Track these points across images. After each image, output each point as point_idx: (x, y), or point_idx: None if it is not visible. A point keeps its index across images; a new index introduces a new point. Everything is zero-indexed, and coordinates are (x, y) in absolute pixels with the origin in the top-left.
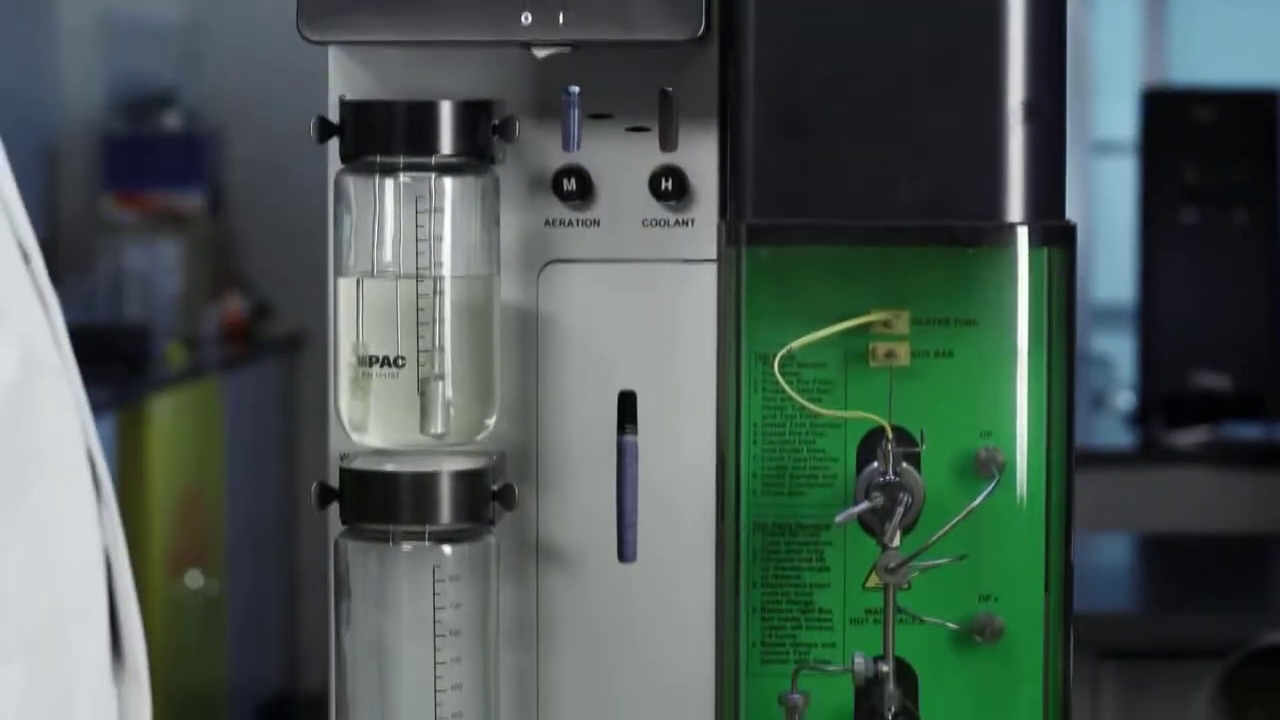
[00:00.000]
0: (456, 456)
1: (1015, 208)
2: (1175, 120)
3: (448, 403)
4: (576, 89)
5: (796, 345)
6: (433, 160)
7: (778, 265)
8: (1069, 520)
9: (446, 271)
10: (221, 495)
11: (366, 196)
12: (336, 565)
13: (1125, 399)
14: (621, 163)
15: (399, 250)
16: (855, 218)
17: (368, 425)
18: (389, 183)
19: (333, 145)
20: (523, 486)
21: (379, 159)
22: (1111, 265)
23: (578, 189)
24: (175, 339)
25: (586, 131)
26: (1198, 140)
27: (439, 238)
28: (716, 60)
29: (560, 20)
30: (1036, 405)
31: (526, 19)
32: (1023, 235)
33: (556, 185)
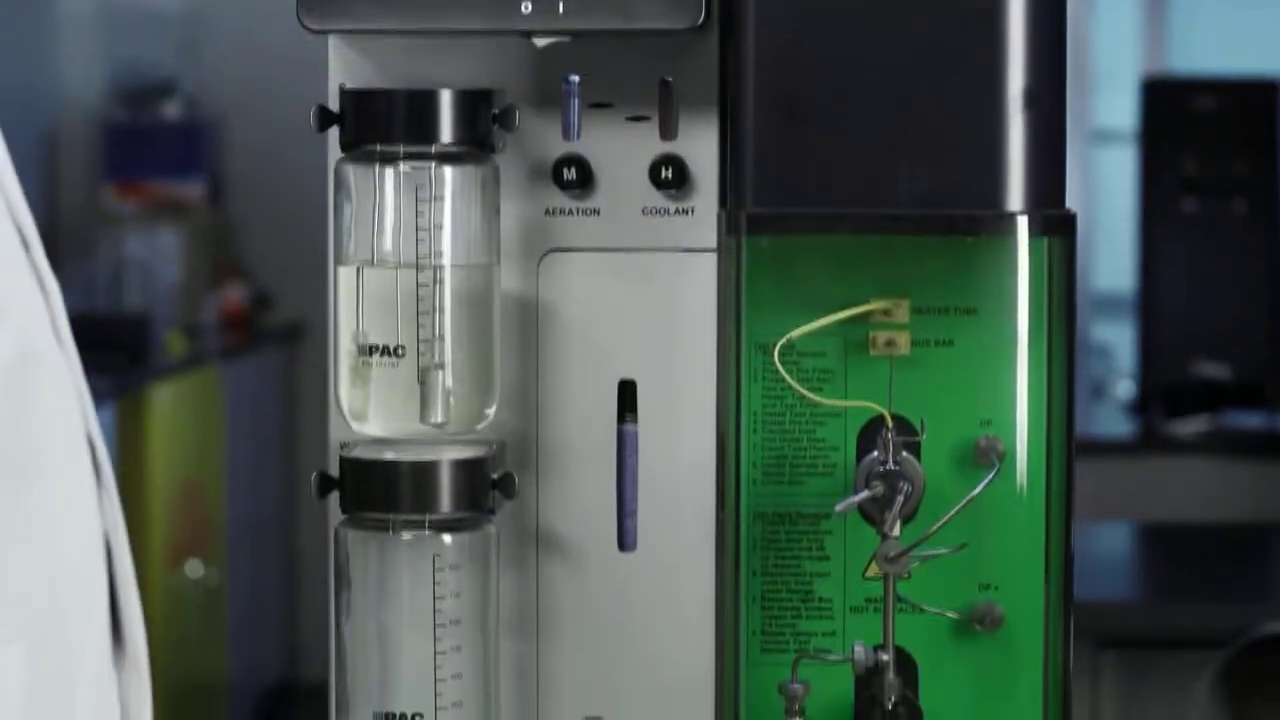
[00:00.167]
0: (456, 445)
1: (1015, 197)
2: (1175, 110)
3: (448, 392)
4: (576, 78)
5: (796, 334)
6: (433, 149)
7: (778, 254)
8: (1069, 509)
9: (446, 260)
10: (221, 484)
11: (366, 185)
12: (336, 554)
13: (1125, 388)
14: (621, 152)
15: (399, 239)
16: (855, 206)
17: (368, 414)
18: (389, 172)
19: (333, 134)
20: (523, 475)
21: (379, 148)
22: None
23: (578, 178)
24: (175, 328)
25: (586, 120)
26: (1198, 130)
27: (439, 227)
28: (716, 49)
29: (560, 9)
30: (1036, 394)
31: (526, 8)
32: (1023, 224)
33: (556, 174)
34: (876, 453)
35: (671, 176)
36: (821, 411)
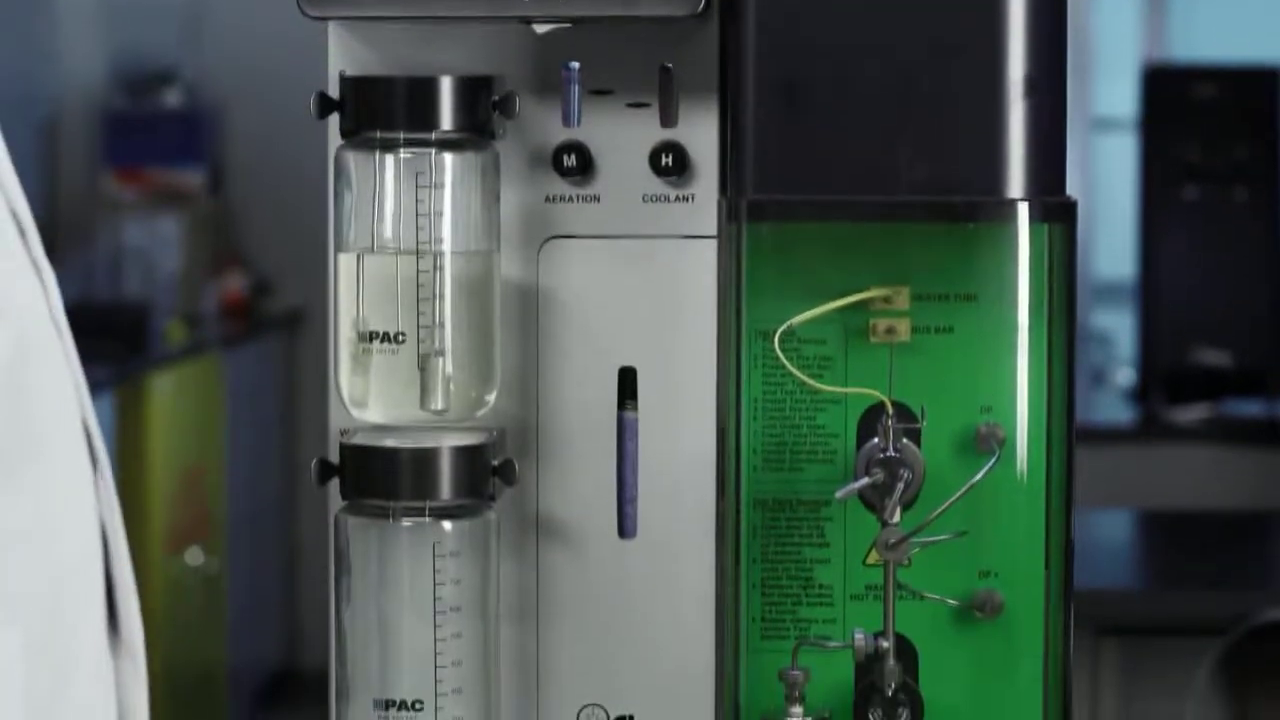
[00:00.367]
0: (457, 432)
1: (1016, 184)
2: (1176, 97)
3: (448, 378)
4: (577, 65)
5: (797, 321)
6: (433, 136)
7: (778, 241)
8: (1069, 496)
9: (447, 247)
10: (221, 472)
11: (367, 172)
12: (336, 541)
13: (1126, 375)
14: (622, 138)
15: (399, 226)
16: (855, 193)
17: (368, 401)
18: (389, 158)
19: (333, 121)
20: (523, 462)
21: (379, 135)
22: (1112, 241)
23: (578, 165)
24: (175, 316)
25: (587, 107)
26: (1198, 117)
27: (439, 213)
28: (717, 36)
29: None
30: (1037, 381)
31: None
32: (1023, 211)
33: (557, 161)
34: (877, 439)
35: (672, 163)
36: (822, 398)
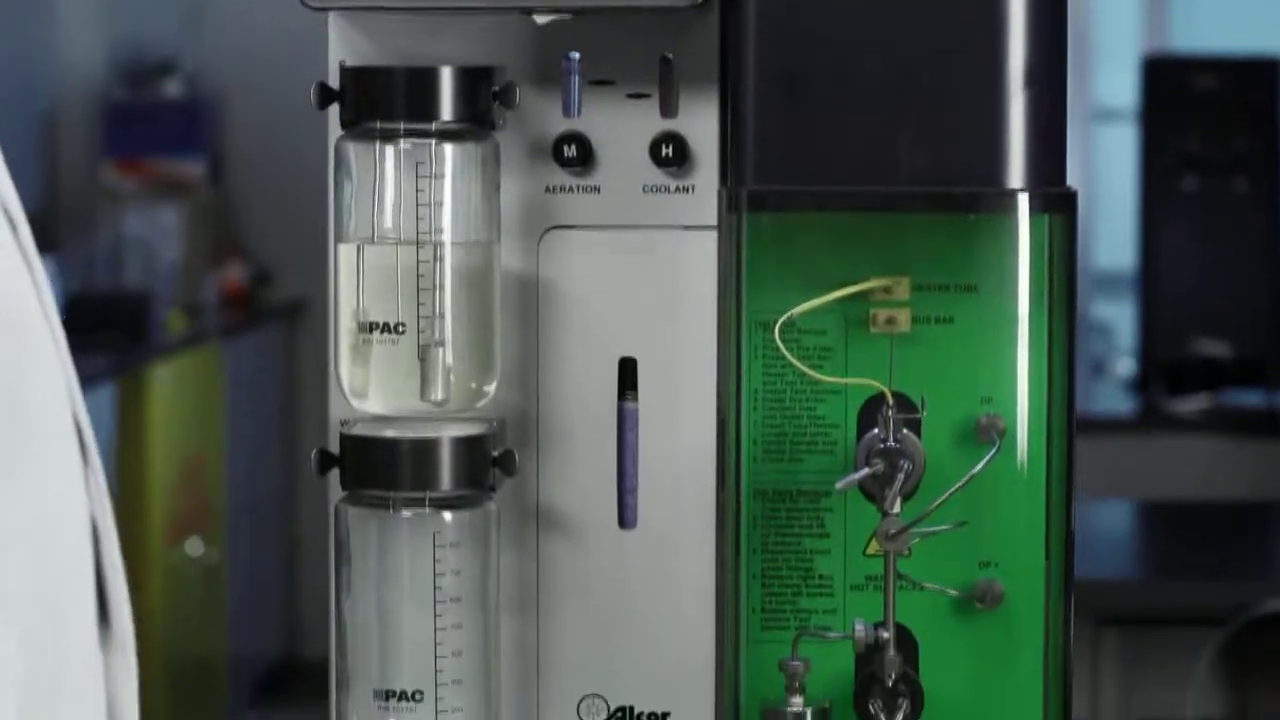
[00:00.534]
0: (457, 423)
1: (1016, 174)
2: (1176, 88)
3: (448, 369)
4: (577, 55)
5: (797, 312)
6: (433, 126)
7: (778, 231)
8: (1069, 487)
9: (447, 238)
10: (222, 463)
11: (367, 163)
12: (337, 532)
13: (1126, 366)
14: (622, 129)
15: (399, 216)
16: (856, 184)
17: (368, 392)
18: (389, 149)
19: (333, 112)
20: (523, 453)
21: (379, 125)
22: (1112, 232)
23: (578, 155)
24: (175, 307)
25: (587, 98)
26: (1198, 108)
27: (439, 204)
28: (717, 26)
29: None
30: (1037, 372)
31: None
32: (1023, 202)
33: (557, 152)
34: (877, 430)
35: (672, 154)
36: (822, 389)
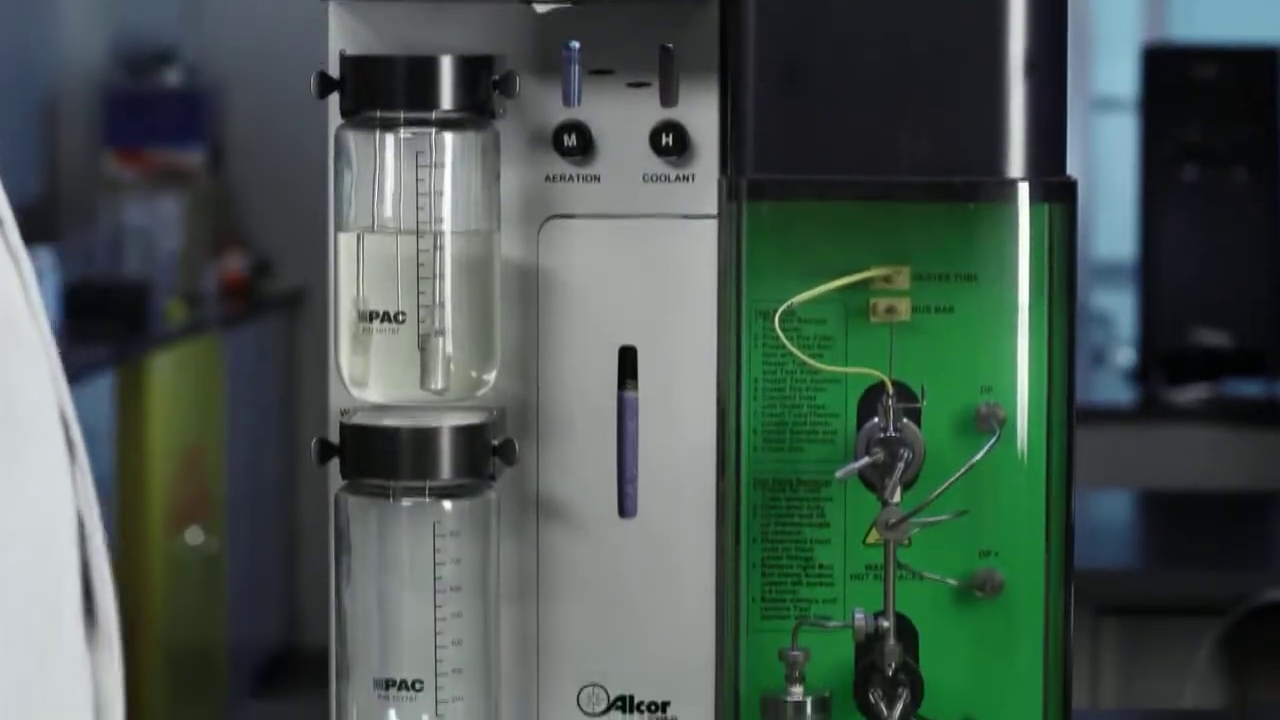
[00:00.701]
0: (457, 412)
1: (1016, 163)
2: (1176, 78)
3: (448, 358)
4: (577, 44)
5: (797, 301)
6: (433, 115)
7: (778, 220)
8: (1069, 476)
9: (447, 227)
10: (222, 452)
11: (367, 152)
12: (337, 521)
13: (1125, 355)
14: (622, 118)
15: (399, 205)
16: (856, 173)
17: (368, 381)
18: (389, 138)
19: (333, 101)
20: (523, 442)
21: (379, 114)
22: (1112, 222)
23: (578, 144)
24: (175, 296)
25: (587, 87)
26: (1198, 98)
27: (439, 193)
28: (717, 16)
29: None
30: (1037, 361)
31: None
32: (1023, 191)
33: (557, 141)
34: (877, 419)
35: (672, 143)
36: (822, 378)
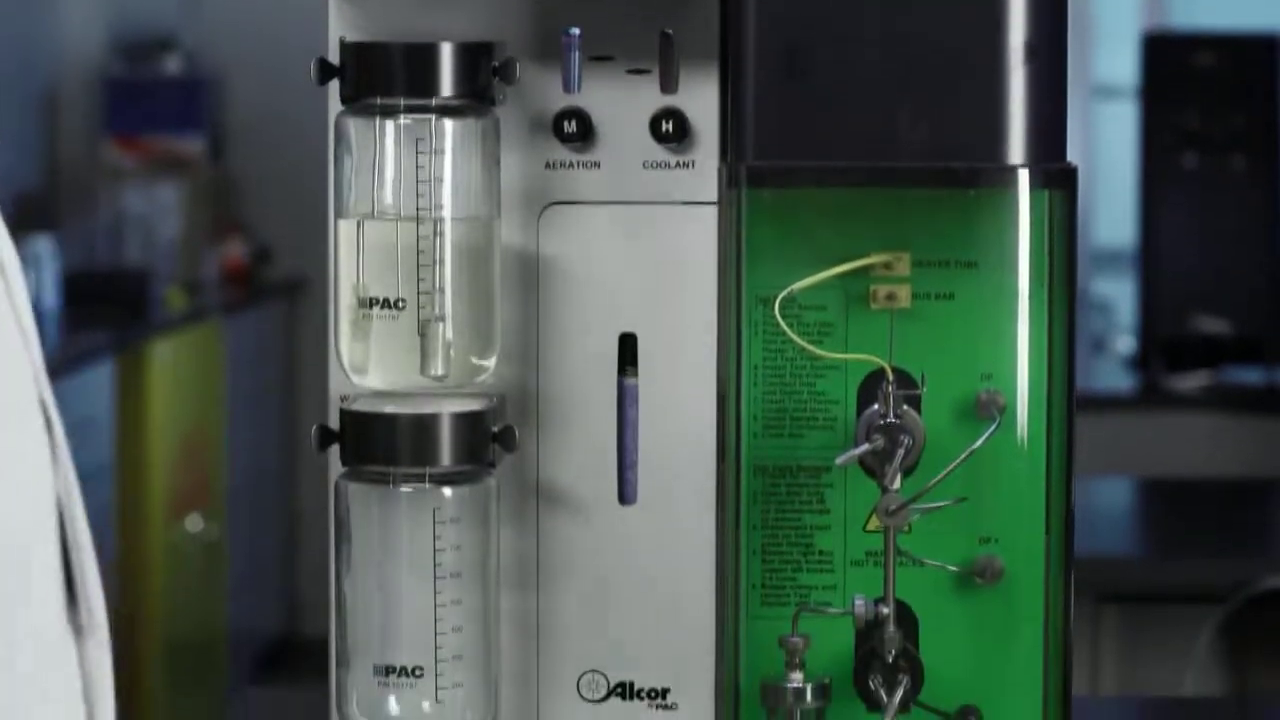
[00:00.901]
0: (457, 398)
1: (1016, 150)
2: (1176, 65)
3: (448, 345)
4: (577, 31)
5: (797, 287)
6: (433, 102)
7: (778, 207)
8: (1069, 463)
9: (447, 213)
10: (222, 439)
11: (367, 138)
12: (337, 508)
13: (1125, 343)
14: (622, 105)
15: (399, 192)
16: (856, 159)
17: (368, 367)
18: (389, 124)
19: (333, 87)
20: (523, 428)
21: (379, 101)
22: (1112, 209)
23: (578, 131)
24: (176, 283)
25: (587, 74)
26: (1198, 85)
27: (439, 179)
28: (717, 2)
29: None
30: (1037, 348)
31: None
32: (1024, 177)
33: (557, 127)
34: (877, 406)
35: (672, 130)
36: (822, 365)
